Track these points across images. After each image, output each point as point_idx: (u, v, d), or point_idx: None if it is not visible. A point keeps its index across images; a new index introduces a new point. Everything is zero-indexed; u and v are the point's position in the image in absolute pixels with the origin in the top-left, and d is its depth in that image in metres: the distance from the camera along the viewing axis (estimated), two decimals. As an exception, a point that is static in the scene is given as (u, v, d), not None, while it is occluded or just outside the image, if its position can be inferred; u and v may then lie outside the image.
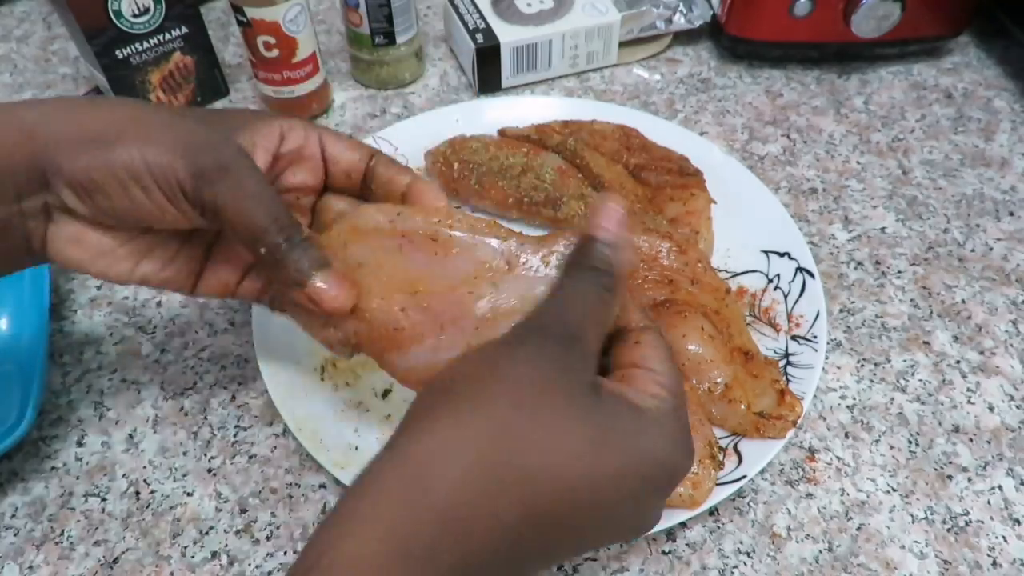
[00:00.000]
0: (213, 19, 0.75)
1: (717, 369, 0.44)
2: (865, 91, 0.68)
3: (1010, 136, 0.64)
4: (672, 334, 0.45)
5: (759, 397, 0.43)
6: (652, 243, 0.48)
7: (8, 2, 0.78)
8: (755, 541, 0.42)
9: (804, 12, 0.64)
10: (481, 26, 0.65)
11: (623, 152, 0.56)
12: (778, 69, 0.70)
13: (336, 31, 0.74)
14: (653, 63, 0.70)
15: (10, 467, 0.44)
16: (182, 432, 0.46)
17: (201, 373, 0.49)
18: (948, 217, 0.58)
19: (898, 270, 0.54)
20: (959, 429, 0.46)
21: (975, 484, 0.44)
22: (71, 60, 0.71)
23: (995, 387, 0.48)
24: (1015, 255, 0.55)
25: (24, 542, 0.42)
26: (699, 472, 0.40)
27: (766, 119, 0.65)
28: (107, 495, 0.43)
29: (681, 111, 0.66)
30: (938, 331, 0.51)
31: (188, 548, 0.41)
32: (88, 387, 0.48)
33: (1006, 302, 0.52)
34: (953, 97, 0.67)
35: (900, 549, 0.41)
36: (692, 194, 0.53)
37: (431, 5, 0.77)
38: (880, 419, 0.47)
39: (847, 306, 0.52)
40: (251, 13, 0.57)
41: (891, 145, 0.63)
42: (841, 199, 0.59)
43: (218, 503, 0.43)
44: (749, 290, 0.51)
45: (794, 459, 0.45)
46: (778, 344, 0.47)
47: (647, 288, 0.48)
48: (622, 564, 0.41)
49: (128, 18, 0.57)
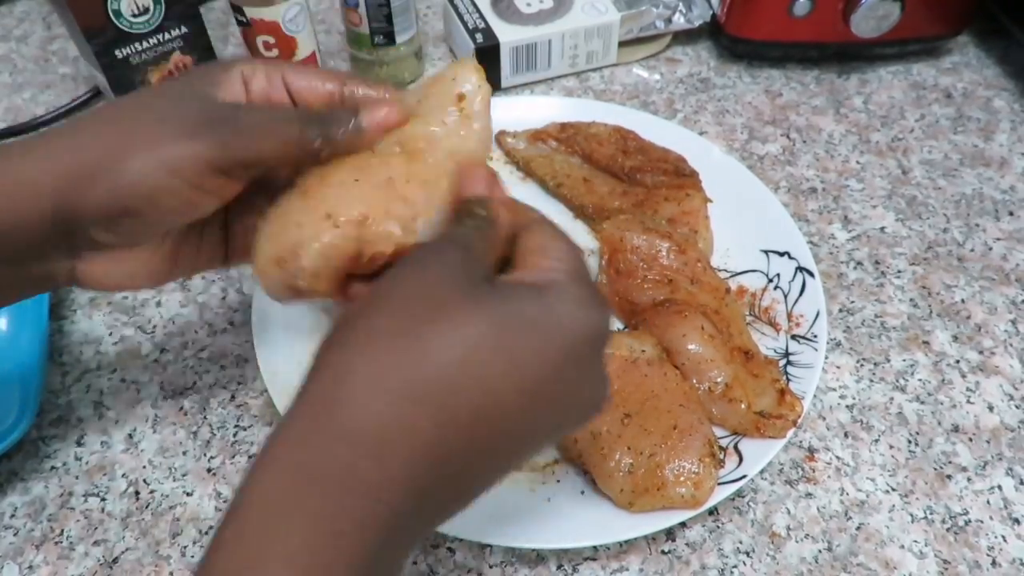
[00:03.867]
0: (213, 19, 0.75)
1: (717, 368, 0.44)
2: (865, 91, 0.68)
3: (1010, 136, 0.64)
4: (672, 334, 0.45)
5: (759, 396, 0.43)
6: (651, 243, 0.49)
7: (8, 2, 0.78)
8: (755, 541, 0.42)
9: (803, 12, 0.64)
10: (480, 26, 0.65)
11: (620, 155, 0.56)
12: (778, 69, 0.70)
13: (336, 31, 0.74)
14: (653, 63, 0.70)
15: (10, 467, 0.44)
16: (182, 432, 0.46)
17: (200, 373, 0.49)
18: (948, 217, 0.58)
19: (898, 270, 0.54)
20: (958, 429, 0.46)
21: (974, 484, 0.44)
22: (71, 60, 0.71)
23: (994, 387, 0.48)
24: (1015, 255, 0.55)
25: (24, 542, 0.42)
26: (700, 471, 0.40)
27: (766, 119, 0.65)
28: (107, 495, 0.43)
29: (681, 111, 0.66)
30: (938, 331, 0.51)
31: (188, 548, 0.41)
32: (87, 387, 0.48)
33: (1006, 302, 0.52)
34: (953, 97, 0.67)
35: (899, 549, 0.41)
36: (687, 194, 0.53)
37: (431, 5, 0.77)
38: (880, 419, 0.47)
39: (847, 306, 0.52)
40: (251, 13, 0.57)
41: (891, 145, 0.63)
42: (841, 199, 0.59)
43: (218, 503, 0.43)
44: (749, 289, 0.51)
45: (794, 459, 0.45)
46: (778, 344, 0.47)
47: (647, 288, 0.48)
48: (622, 563, 0.41)
49: (128, 18, 0.57)
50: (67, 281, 0.34)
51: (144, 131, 0.31)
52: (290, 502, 0.23)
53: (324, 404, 0.25)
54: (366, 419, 0.24)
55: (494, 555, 0.41)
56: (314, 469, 0.24)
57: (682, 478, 0.40)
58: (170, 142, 0.30)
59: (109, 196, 0.30)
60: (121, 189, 0.30)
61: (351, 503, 0.23)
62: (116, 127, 0.31)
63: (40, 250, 0.32)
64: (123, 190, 0.30)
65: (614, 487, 0.40)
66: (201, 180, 0.31)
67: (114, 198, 0.30)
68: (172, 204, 0.31)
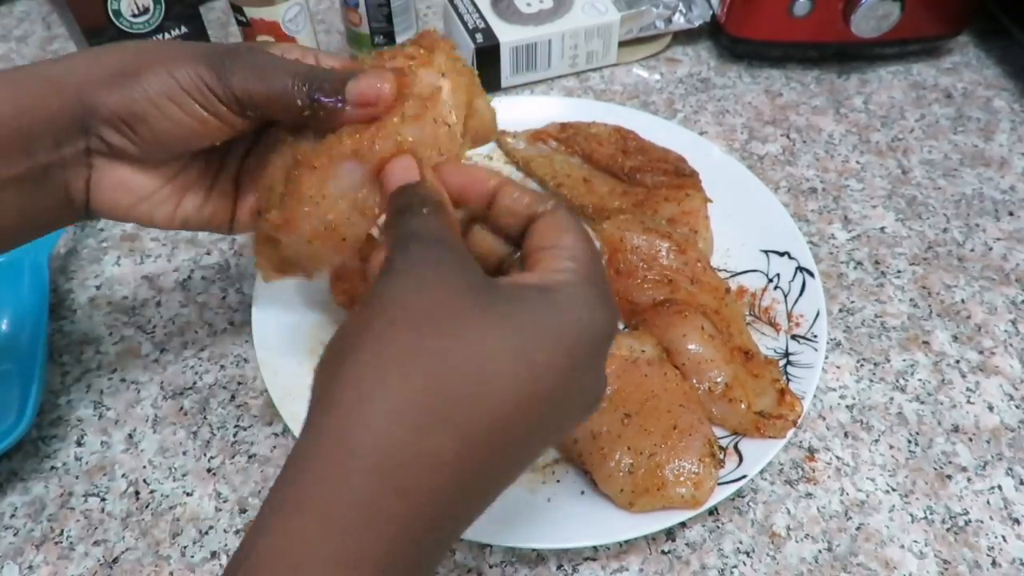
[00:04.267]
0: (213, 19, 0.75)
1: (717, 368, 0.44)
2: (865, 91, 0.68)
3: (1009, 136, 0.64)
4: (672, 334, 0.45)
5: (759, 396, 0.43)
6: (651, 243, 0.48)
7: (8, 2, 0.78)
8: (755, 541, 0.42)
9: (804, 12, 0.64)
10: (480, 26, 0.65)
11: (620, 155, 0.56)
12: (778, 69, 0.70)
13: (336, 31, 0.74)
14: (653, 63, 0.70)
15: (10, 467, 0.44)
16: (182, 432, 0.46)
17: (201, 373, 0.49)
18: (947, 217, 0.58)
19: (898, 270, 0.54)
20: (958, 429, 0.46)
21: (974, 484, 0.44)
22: (71, 60, 0.71)
23: (994, 387, 0.48)
24: (1014, 255, 0.55)
25: (24, 542, 0.42)
26: (700, 472, 0.40)
27: (766, 119, 0.65)
28: (107, 495, 0.43)
29: (681, 111, 0.66)
30: (937, 331, 0.51)
31: (188, 548, 0.41)
32: (88, 387, 0.48)
33: (1005, 302, 0.52)
34: (953, 97, 0.67)
35: (899, 549, 0.41)
36: (687, 194, 0.53)
37: (431, 5, 0.77)
38: (880, 419, 0.47)
39: (847, 306, 0.52)
40: (251, 13, 0.57)
41: (891, 145, 0.63)
42: (841, 199, 0.59)
43: (218, 503, 0.43)
44: (749, 289, 0.51)
45: (794, 459, 0.45)
46: (778, 343, 0.47)
47: (647, 288, 0.48)
48: (622, 564, 0.41)
49: (128, 18, 0.57)
50: (81, 197, 0.35)
51: (160, 53, 0.34)
52: (310, 547, 0.22)
53: (339, 436, 0.23)
54: (388, 450, 0.23)
55: (494, 555, 0.41)
56: (334, 508, 0.22)
57: (682, 478, 0.40)
58: (179, 61, 0.33)
59: (122, 98, 0.33)
60: (133, 93, 0.33)
61: (375, 540, 0.22)
62: (136, 50, 0.35)
63: (58, 140, 0.33)
64: (135, 94, 0.33)
65: (614, 487, 0.40)
66: (204, 100, 0.33)
67: (126, 101, 0.33)
68: (177, 116, 0.33)
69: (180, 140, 0.35)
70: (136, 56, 0.34)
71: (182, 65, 0.33)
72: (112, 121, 0.33)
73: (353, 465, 0.23)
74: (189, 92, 0.33)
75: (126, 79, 0.33)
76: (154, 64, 0.33)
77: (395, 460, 0.23)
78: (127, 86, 0.33)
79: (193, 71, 0.33)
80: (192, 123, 0.34)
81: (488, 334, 0.25)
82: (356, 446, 0.23)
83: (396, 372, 0.24)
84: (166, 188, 0.37)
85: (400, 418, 0.23)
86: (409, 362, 0.24)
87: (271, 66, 0.34)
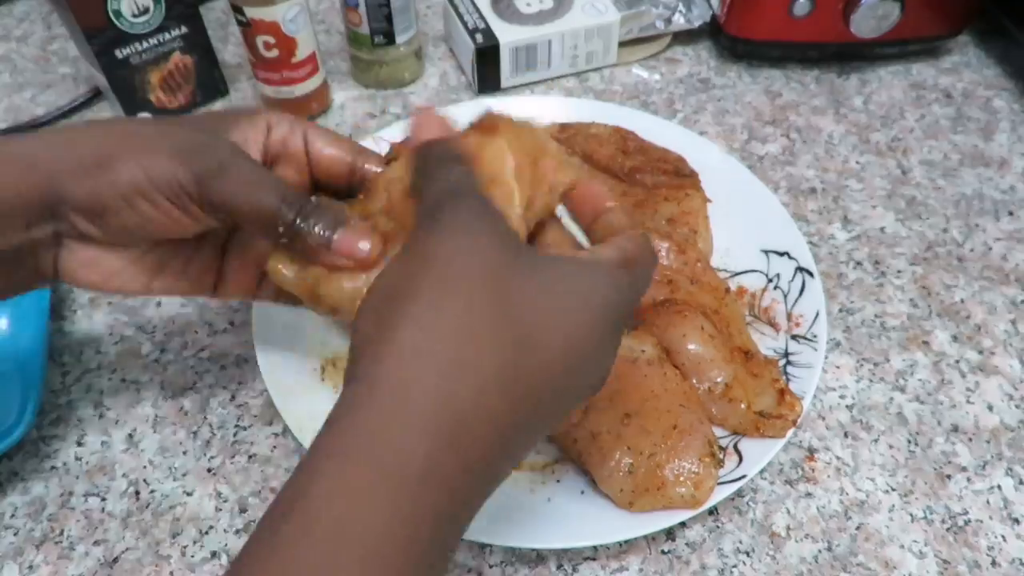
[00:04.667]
0: (213, 19, 0.75)
1: (717, 368, 0.44)
2: (864, 91, 0.68)
3: (1009, 136, 0.64)
4: (672, 334, 0.45)
5: (759, 396, 0.43)
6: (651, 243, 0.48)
7: (8, 2, 0.78)
8: (754, 541, 0.42)
9: (803, 12, 0.64)
10: (481, 26, 0.65)
11: (619, 155, 0.56)
12: (777, 69, 0.70)
13: (336, 31, 0.74)
14: (652, 63, 0.70)
15: (10, 467, 0.44)
16: (182, 432, 0.46)
17: (201, 373, 0.49)
18: (947, 217, 0.58)
19: (897, 270, 0.54)
20: (958, 429, 0.46)
21: (974, 484, 0.44)
22: (71, 60, 0.71)
23: (994, 387, 0.48)
24: (1014, 255, 0.55)
25: (24, 542, 0.42)
26: (700, 471, 0.40)
27: (765, 119, 0.65)
28: (107, 495, 0.43)
29: (681, 111, 0.66)
30: (937, 331, 0.51)
31: (188, 548, 0.41)
32: (88, 387, 0.48)
33: (1005, 302, 0.52)
34: (952, 97, 0.67)
35: (899, 548, 0.41)
36: (687, 194, 0.53)
37: (431, 5, 0.77)
38: (879, 419, 0.47)
39: (846, 306, 0.52)
40: (251, 13, 0.57)
41: (890, 145, 0.63)
42: (840, 199, 0.59)
43: (218, 503, 0.43)
44: (749, 289, 0.51)
45: (793, 459, 0.45)
46: (778, 343, 0.47)
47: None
48: (622, 563, 0.41)
49: (128, 18, 0.57)
50: (51, 272, 0.35)
51: (137, 142, 0.32)
52: (364, 500, 0.22)
53: (396, 388, 0.23)
54: (445, 406, 0.23)
55: (494, 555, 0.41)
56: (390, 463, 0.22)
57: (682, 478, 0.40)
58: (155, 156, 0.32)
59: (92, 189, 0.32)
60: (103, 187, 0.32)
61: (428, 499, 0.23)
62: (110, 134, 0.33)
63: (29, 223, 0.32)
64: (105, 188, 0.32)
65: (614, 487, 0.40)
66: (177, 200, 0.32)
67: (96, 193, 0.32)
68: (149, 213, 0.32)
69: (148, 233, 0.34)
70: (109, 142, 0.32)
71: (157, 160, 0.32)
72: (81, 210, 0.32)
73: (409, 419, 0.23)
74: (161, 190, 0.32)
75: (98, 169, 0.32)
76: (126, 155, 0.32)
77: (452, 417, 0.23)
78: (99, 176, 0.32)
79: (168, 170, 0.32)
80: (161, 219, 0.33)
81: (534, 295, 0.26)
82: (413, 399, 0.23)
83: (451, 329, 0.24)
84: (137, 266, 0.36)
85: (455, 376, 0.24)
86: (463, 320, 0.24)
87: (256, 182, 0.32)
